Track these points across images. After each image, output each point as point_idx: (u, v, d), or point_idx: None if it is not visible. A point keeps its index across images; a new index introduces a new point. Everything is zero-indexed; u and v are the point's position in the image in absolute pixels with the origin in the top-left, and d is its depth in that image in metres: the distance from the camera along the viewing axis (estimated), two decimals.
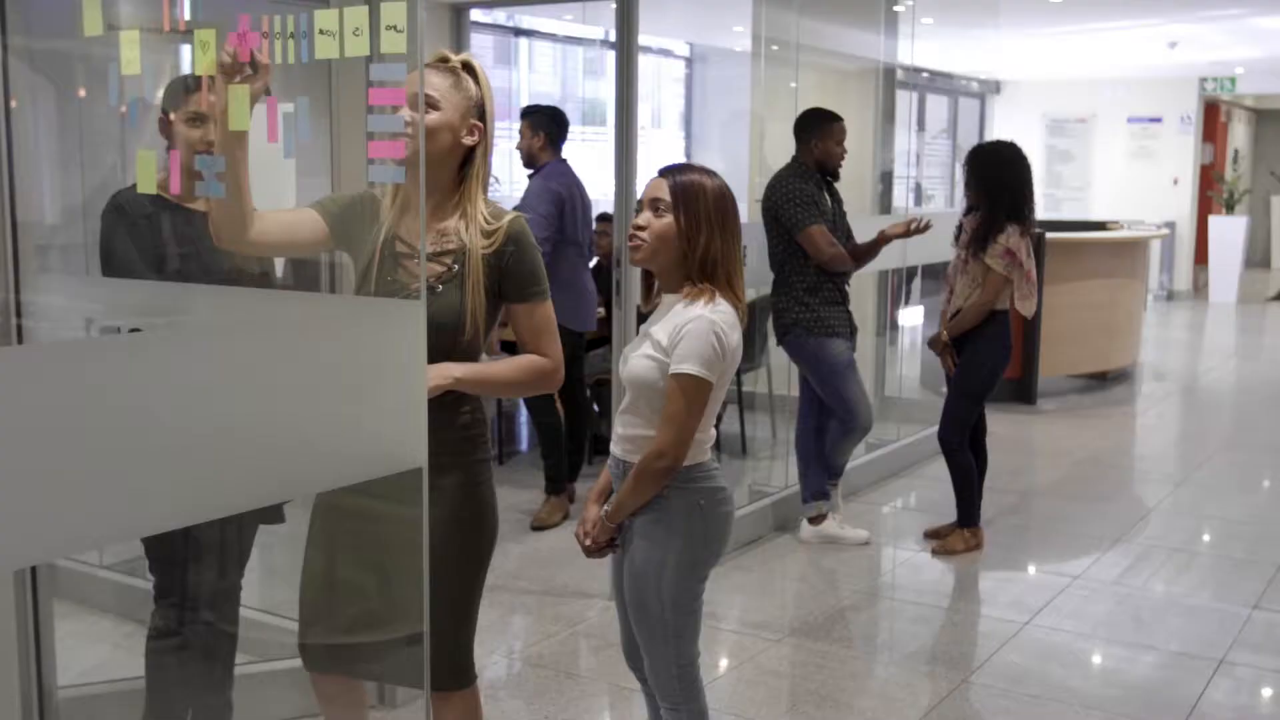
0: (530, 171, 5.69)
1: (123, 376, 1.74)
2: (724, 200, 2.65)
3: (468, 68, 2.57)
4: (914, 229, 5.30)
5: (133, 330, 2.55)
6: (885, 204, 7.53)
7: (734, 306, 2.65)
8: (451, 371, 2.48)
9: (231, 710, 3.14)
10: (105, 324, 2.63)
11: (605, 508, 2.75)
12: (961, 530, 5.39)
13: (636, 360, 2.66)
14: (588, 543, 2.78)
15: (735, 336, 2.62)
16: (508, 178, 10.65)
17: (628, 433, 2.70)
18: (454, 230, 2.55)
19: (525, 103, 6.44)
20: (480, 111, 2.57)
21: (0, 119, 2.38)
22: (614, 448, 2.75)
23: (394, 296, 2.50)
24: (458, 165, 2.56)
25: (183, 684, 3.07)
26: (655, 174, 2.72)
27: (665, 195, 2.63)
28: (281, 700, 3.61)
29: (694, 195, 2.61)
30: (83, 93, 4.40)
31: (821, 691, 3.95)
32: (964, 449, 5.34)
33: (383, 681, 2.83)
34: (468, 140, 2.55)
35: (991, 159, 5.27)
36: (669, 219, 2.61)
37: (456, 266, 2.53)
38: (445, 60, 2.56)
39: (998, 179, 5.19)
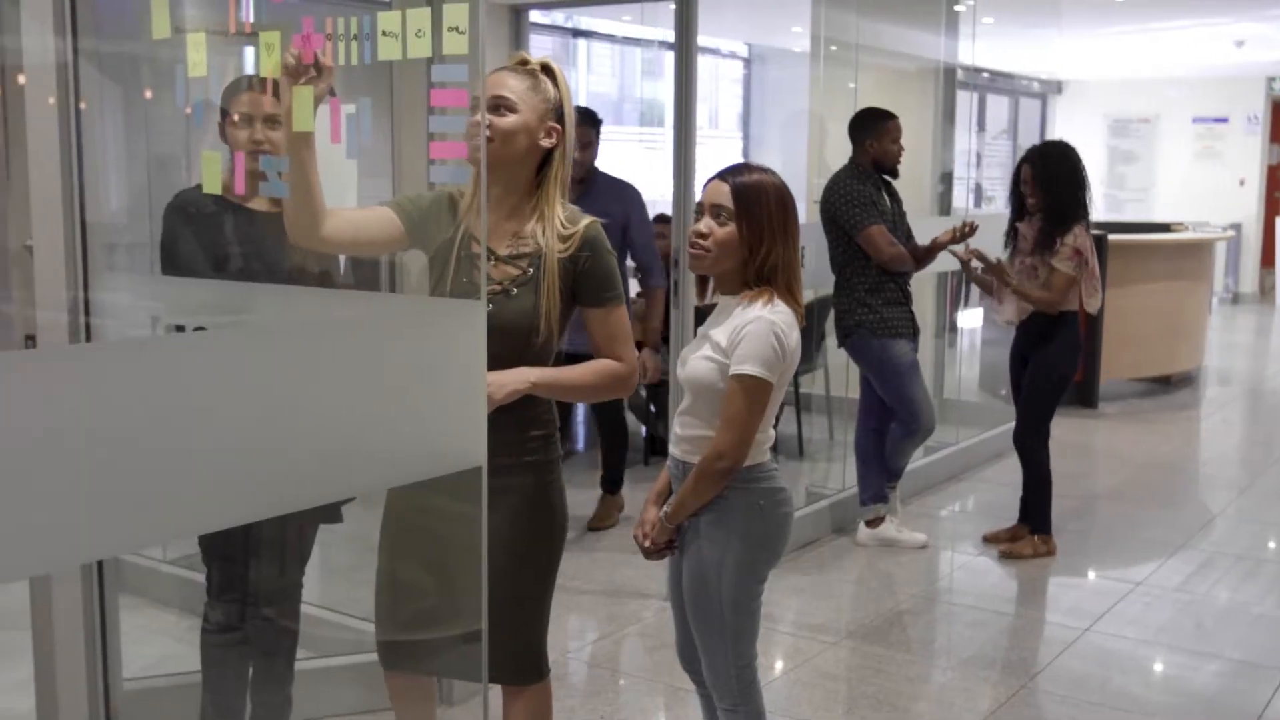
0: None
1: (188, 374, 1.76)
2: (785, 203, 2.62)
3: (546, 70, 2.57)
4: (960, 234, 5.25)
5: (197, 329, 2.58)
6: (945, 205, 7.47)
7: (792, 308, 2.63)
8: (528, 376, 2.49)
9: (291, 706, 3.18)
10: (170, 322, 2.66)
11: (665, 509, 2.74)
12: (1033, 537, 5.33)
13: (695, 362, 2.66)
14: (646, 544, 2.77)
15: (794, 337, 2.61)
16: None
17: (687, 433, 2.70)
18: (530, 233, 2.55)
19: (584, 104, 6.35)
20: (559, 114, 2.56)
21: (70, 120, 2.42)
22: (673, 449, 2.75)
23: (468, 298, 2.50)
24: (535, 168, 2.56)
25: (242, 679, 3.11)
26: (714, 176, 2.67)
27: (727, 202, 2.59)
28: (341, 696, 3.64)
29: (756, 201, 2.57)
30: (149, 94, 4.46)
31: (879, 695, 3.93)
32: (1038, 455, 5.28)
33: (447, 677, 2.86)
34: (545, 143, 2.54)
35: (1054, 159, 5.21)
36: (731, 227, 2.58)
37: (531, 270, 2.53)
38: (524, 62, 2.56)
39: (1061, 178, 5.14)
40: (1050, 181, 5.14)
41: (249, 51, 2.99)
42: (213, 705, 3.08)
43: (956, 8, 7.35)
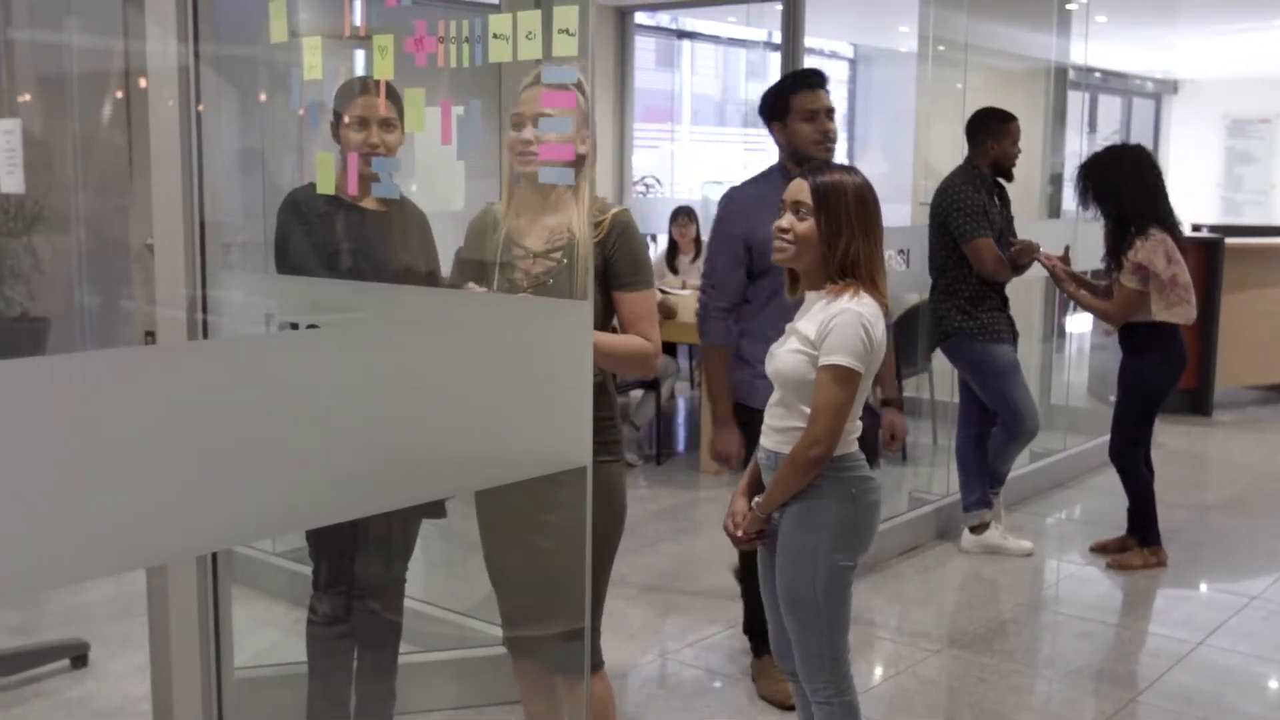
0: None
1: (301, 372, 1.80)
2: (864, 200, 2.68)
3: (578, 84, 2.66)
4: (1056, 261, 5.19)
5: (310, 326, 2.63)
6: (1054, 207, 7.34)
7: (877, 300, 2.68)
8: None
9: (394, 698, 3.22)
10: (284, 320, 2.72)
11: (756, 499, 2.79)
12: (1142, 548, 5.21)
13: (784, 356, 2.71)
14: (738, 534, 2.82)
15: (880, 329, 2.67)
16: (668, 179, 10.70)
17: (778, 424, 2.74)
18: (564, 226, 2.67)
19: (689, 105, 6.35)
20: (586, 120, 2.66)
21: (190, 123, 2.49)
22: (764, 440, 2.79)
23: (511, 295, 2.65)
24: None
25: (347, 671, 3.16)
26: (796, 175, 2.77)
27: (807, 198, 2.67)
28: (442, 690, 3.69)
29: (835, 197, 2.65)
30: (264, 96, 4.56)
31: (982, 705, 3.87)
32: (1138, 466, 5.16)
33: (549, 665, 2.94)
34: (580, 149, 2.63)
35: (1103, 169, 5.04)
36: (811, 222, 2.66)
37: (565, 260, 2.65)
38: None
39: (1112, 187, 4.98)
40: (1098, 193, 5.01)
41: (359, 54, 3.04)
42: (320, 696, 3.13)
43: (1069, 6, 7.21)
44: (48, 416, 1.54)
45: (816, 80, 3.75)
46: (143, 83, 2.73)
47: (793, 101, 3.69)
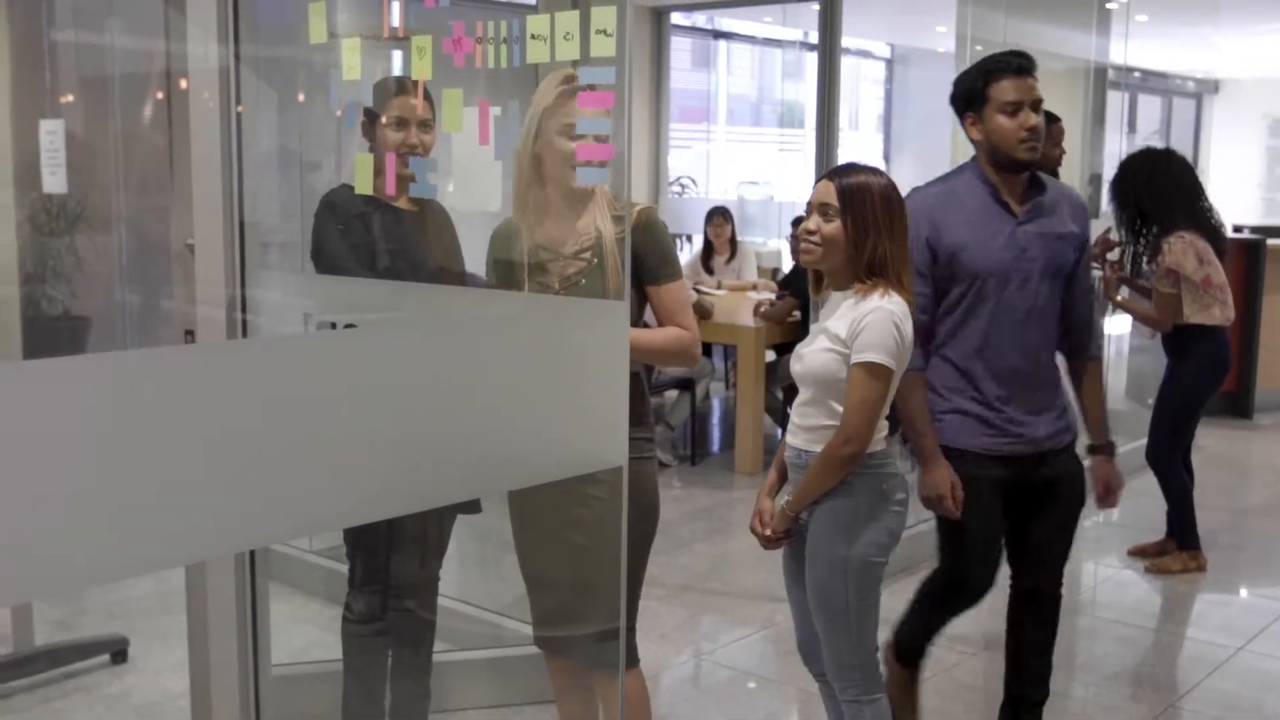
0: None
1: (339, 371, 1.81)
2: (890, 201, 2.68)
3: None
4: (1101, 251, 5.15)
5: (348, 326, 2.65)
6: (1094, 208, 7.28)
7: (905, 299, 2.69)
8: None
9: (430, 696, 3.24)
10: (321, 319, 2.74)
11: (785, 497, 2.80)
12: (1181, 552, 5.17)
13: (813, 355, 2.72)
14: (767, 533, 2.83)
15: (909, 326, 2.68)
16: (703, 180, 10.70)
17: (807, 423, 2.75)
18: (589, 226, 2.69)
19: (724, 105, 6.34)
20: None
21: (230, 124, 2.51)
22: (791, 439, 2.79)
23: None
24: None
25: (383, 668, 3.18)
26: (822, 177, 2.79)
27: (833, 200, 2.68)
28: (476, 689, 3.70)
29: (861, 198, 2.66)
30: (301, 97, 4.59)
31: None
32: (1175, 470, 5.12)
33: (586, 663, 2.95)
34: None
35: (1132, 171, 5.02)
36: (837, 223, 2.67)
37: (595, 259, 2.67)
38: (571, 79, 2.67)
39: (1139, 192, 4.96)
40: (1126, 198, 4.99)
41: (397, 55, 3.05)
42: (355, 694, 3.15)
43: (1109, 5, 7.16)
44: (88, 415, 1.56)
45: (1024, 64, 3.15)
46: (183, 84, 2.76)
47: (991, 90, 3.11)
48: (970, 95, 3.18)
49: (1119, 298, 5.14)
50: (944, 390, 3.14)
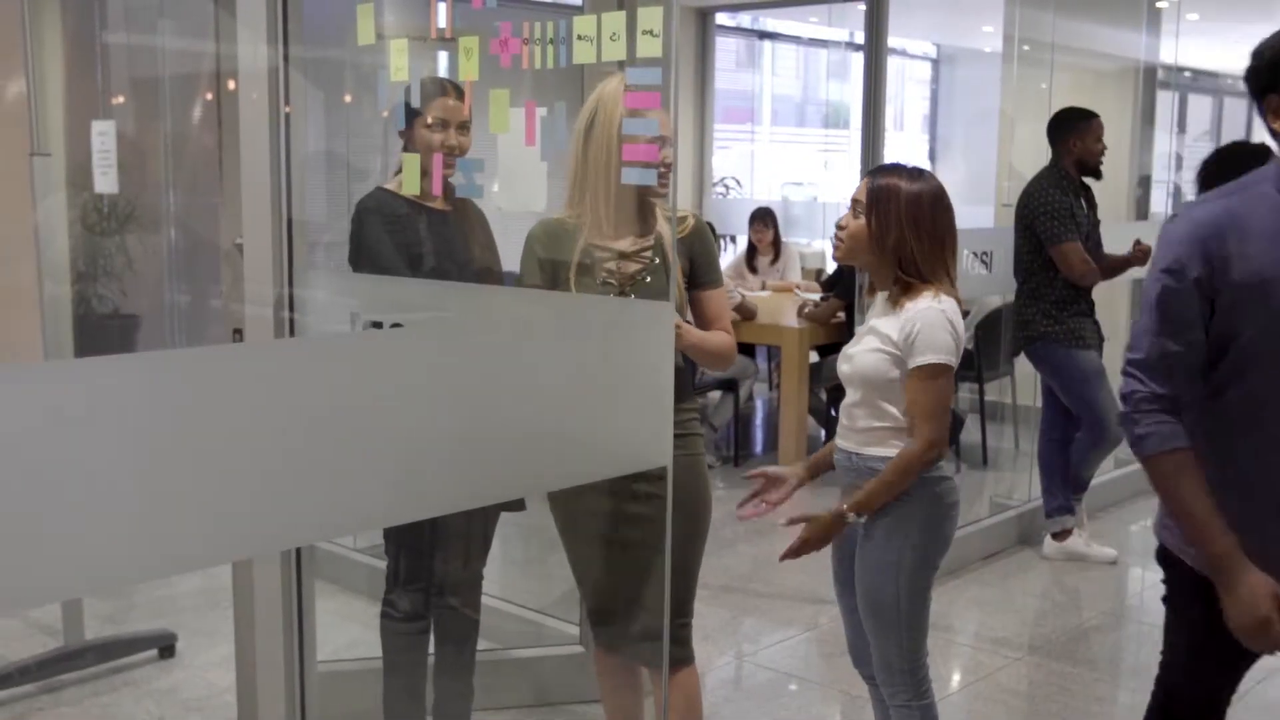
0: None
1: (386, 371, 1.82)
2: (919, 202, 2.67)
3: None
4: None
5: (394, 325, 2.66)
6: (1143, 209, 7.21)
7: (954, 296, 2.70)
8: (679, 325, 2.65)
9: (473, 695, 3.24)
10: (368, 318, 2.75)
11: (846, 503, 2.71)
12: None
13: (862, 356, 2.71)
14: (760, 508, 2.87)
15: (960, 322, 2.69)
16: (748, 181, 10.67)
17: (858, 425, 2.73)
18: (649, 227, 2.75)
19: (769, 106, 6.33)
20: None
21: (279, 124, 2.53)
22: (841, 442, 2.78)
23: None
24: None
25: (424, 666, 3.19)
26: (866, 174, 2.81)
27: (862, 197, 2.70)
28: (518, 687, 3.71)
29: (885, 197, 2.67)
30: (348, 98, 4.62)
31: (1063, 714, 3.81)
32: None
33: (637, 662, 2.97)
34: (665, 155, 2.67)
35: (1218, 164, 4.95)
36: (862, 220, 2.69)
37: (657, 259, 2.73)
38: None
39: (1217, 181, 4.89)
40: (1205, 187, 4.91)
41: (442, 56, 3.07)
42: (398, 691, 3.16)
43: (1159, 4, 7.08)
44: (138, 413, 1.57)
45: None
46: (232, 85, 2.79)
47: None
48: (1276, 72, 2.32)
49: None
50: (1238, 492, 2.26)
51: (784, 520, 2.75)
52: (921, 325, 2.61)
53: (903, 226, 2.65)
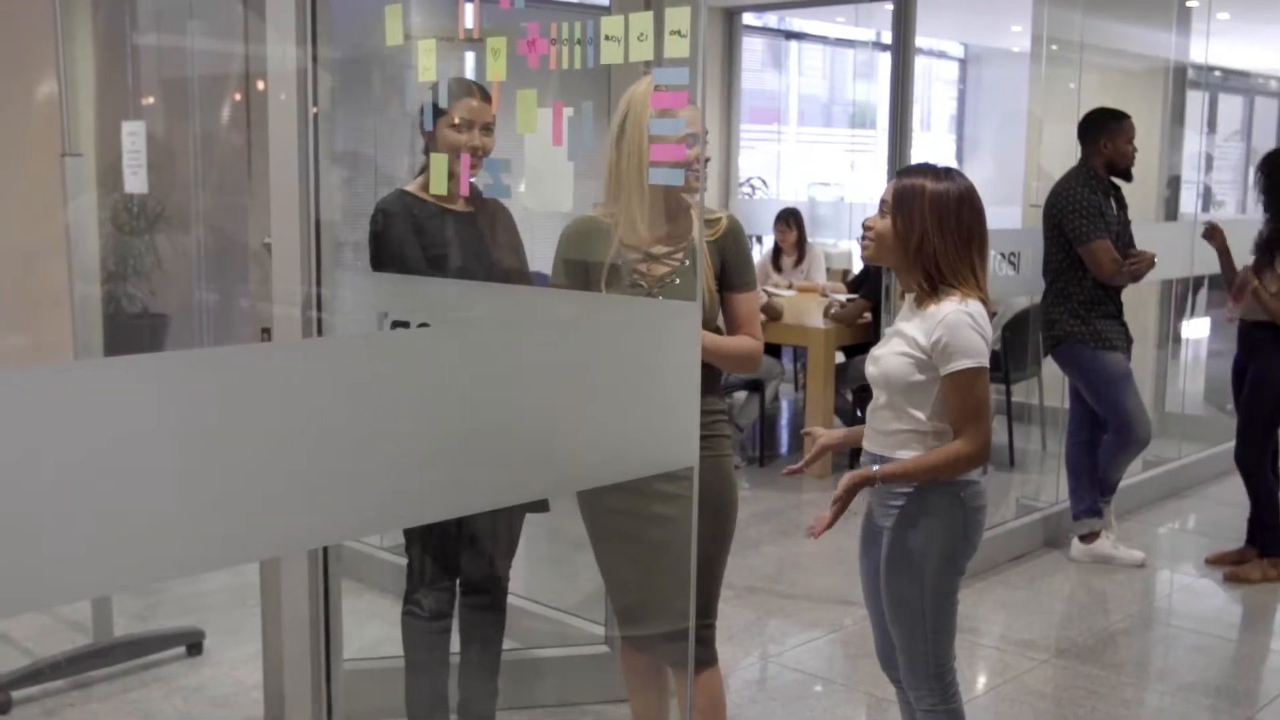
0: None
1: (413, 370, 1.82)
2: (943, 202, 2.65)
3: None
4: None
5: (421, 325, 2.67)
6: (1172, 210, 7.16)
7: (979, 299, 2.68)
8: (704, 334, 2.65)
9: (498, 694, 3.25)
10: (395, 318, 2.76)
11: (876, 467, 2.68)
12: (1261, 560, 5.06)
13: (889, 358, 2.70)
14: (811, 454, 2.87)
15: (987, 325, 2.68)
16: (774, 181, 10.66)
17: (884, 428, 2.73)
18: (682, 229, 2.76)
19: (795, 106, 6.33)
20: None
21: (307, 125, 2.54)
22: (868, 444, 2.78)
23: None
24: None
25: (447, 665, 3.19)
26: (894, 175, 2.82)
27: (889, 197, 2.71)
28: (543, 687, 3.71)
29: (910, 197, 2.66)
30: (377, 98, 4.62)
31: (1090, 718, 3.79)
32: (1263, 473, 5.01)
33: (663, 662, 2.97)
34: (693, 153, 2.66)
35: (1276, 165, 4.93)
36: (888, 220, 2.70)
37: (688, 261, 2.73)
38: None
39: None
40: (1272, 188, 4.88)
41: (469, 56, 3.08)
42: (421, 689, 3.16)
43: (1189, 3, 7.03)
44: (166, 412, 1.58)
45: None
46: (261, 85, 2.80)
47: None
48: None
49: (1266, 296, 4.95)
50: None
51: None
52: (949, 331, 2.60)
53: (927, 226, 2.64)
